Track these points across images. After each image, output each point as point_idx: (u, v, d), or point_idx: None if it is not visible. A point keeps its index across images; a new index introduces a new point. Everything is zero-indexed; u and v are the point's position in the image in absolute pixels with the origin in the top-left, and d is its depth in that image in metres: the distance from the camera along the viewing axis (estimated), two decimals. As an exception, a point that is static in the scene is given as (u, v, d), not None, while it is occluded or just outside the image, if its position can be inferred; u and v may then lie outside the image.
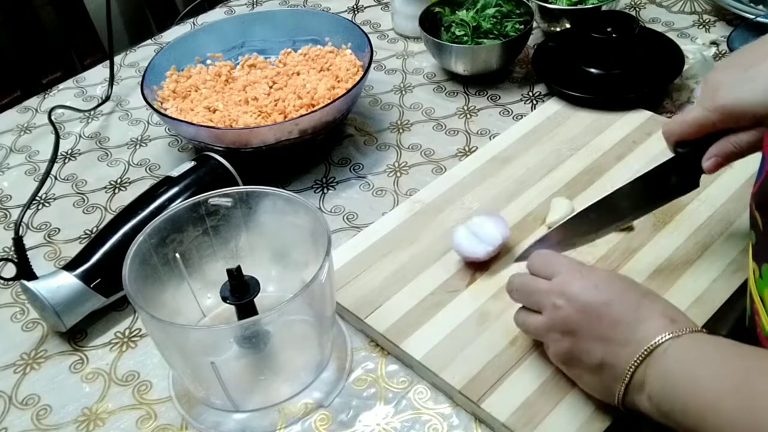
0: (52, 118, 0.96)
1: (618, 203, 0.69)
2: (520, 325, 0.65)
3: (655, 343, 0.54)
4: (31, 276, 0.73)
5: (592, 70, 0.97)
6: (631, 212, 0.70)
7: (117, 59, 1.12)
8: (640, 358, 0.55)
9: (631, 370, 0.55)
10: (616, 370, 0.56)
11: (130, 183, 0.93)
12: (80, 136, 1.02)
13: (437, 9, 1.05)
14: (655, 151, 0.85)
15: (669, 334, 0.54)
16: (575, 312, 0.58)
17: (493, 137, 0.93)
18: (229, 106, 0.92)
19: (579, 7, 1.05)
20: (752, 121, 0.61)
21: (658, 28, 1.09)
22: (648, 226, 0.76)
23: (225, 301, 0.65)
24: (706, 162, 0.64)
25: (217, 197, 0.69)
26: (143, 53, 1.18)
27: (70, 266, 0.74)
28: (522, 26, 1.02)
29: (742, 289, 0.70)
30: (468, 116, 0.98)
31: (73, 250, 0.78)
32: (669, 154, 0.67)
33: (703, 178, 0.66)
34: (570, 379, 0.62)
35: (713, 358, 0.53)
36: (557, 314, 0.59)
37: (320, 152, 0.94)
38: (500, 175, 0.85)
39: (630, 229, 0.76)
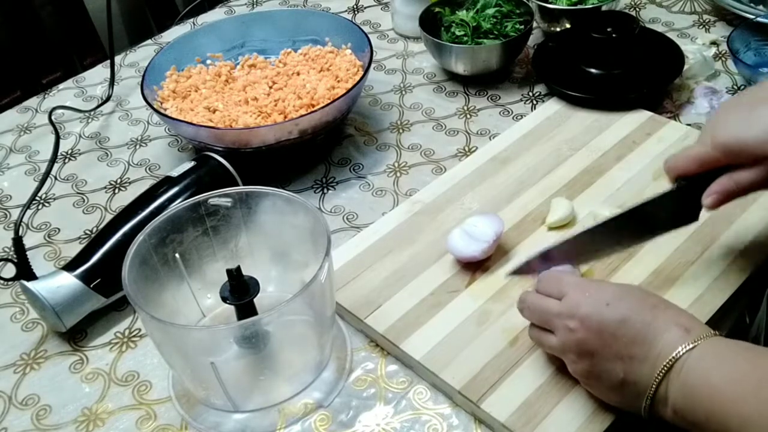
0: (52, 118, 0.96)
1: (618, 229, 0.68)
2: (535, 341, 0.65)
3: (674, 357, 0.54)
4: (31, 276, 0.73)
5: (592, 70, 0.97)
6: (631, 239, 0.70)
7: (117, 59, 1.12)
8: (661, 374, 0.55)
9: (654, 386, 0.55)
10: (639, 387, 0.56)
11: (130, 183, 0.93)
12: (80, 136, 1.02)
13: (437, 9, 1.05)
14: (655, 151, 0.86)
15: (687, 346, 0.54)
16: (590, 334, 0.58)
17: (493, 137, 0.93)
18: (229, 106, 0.92)
19: (579, 7, 1.05)
20: (752, 159, 0.61)
21: (658, 28, 1.09)
22: (648, 227, 0.76)
23: (225, 302, 0.66)
24: (707, 199, 0.64)
25: (217, 197, 0.69)
26: (143, 53, 1.18)
27: (70, 266, 0.74)
28: (522, 26, 1.02)
29: (742, 289, 0.70)
30: (468, 116, 0.98)
31: (73, 250, 0.78)
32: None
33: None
34: (570, 379, 0.62)
35: (730, 364, 0.53)
36: (571, 337, 0.59)
37: (320, 152, 0.94)
38: (500, 175, 0.85)
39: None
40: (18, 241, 0.74)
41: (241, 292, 0.65)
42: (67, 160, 0.98)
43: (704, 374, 0.53)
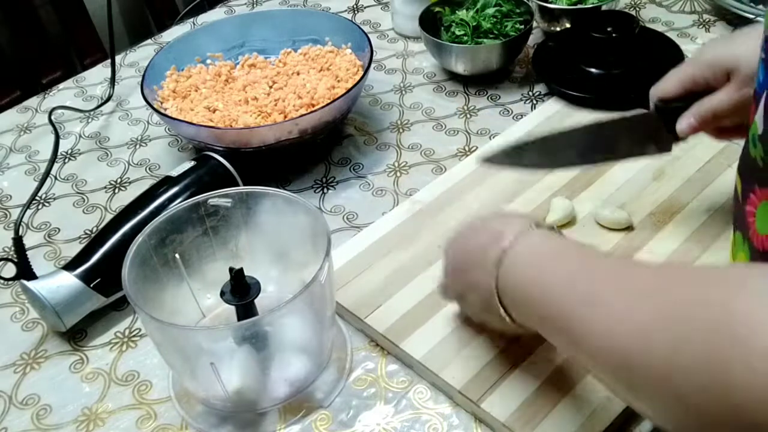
0: (52, 118, 0.96)
1: (590, 138, 0.69)
2: (473, 319, 0.67)
3: (506, 244, 0.55)
4: (31, 276, 0.73)
5: (592, 70, 0.97)
6: (601, 152, 0.70)
7: (117, 59, 1.12)
8: (496, 262, 0.55)
9: (494, 283, 0.56)
10: (483, 291, 0.57)
11: (130, 183, 0.93)
12: (80, 136, 1.02)
13: (437, 9, 1.05)
14: (655, 151, 0.86)
15: (514, 235, 0.55)
16: (450, 255, 0.64)
17: (493, 137, 0.93)
18: (229, 106, 0.92)
19: (579, 7, 1.05)
20: (724, 73, 0.64)
21: (658, 28, 1.09)
22: (648, 226, 0.76)
23: (225, 302, 0.65)
24: (681, 122, 0.66)
25: (217, 197, 0.69)
26: (143, 53, 1.18)
27: (70, 266, 0.74)
28: (522, 26, 1.02)
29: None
30: (468, 116, 0.98)
31: (73, 250, 0.78)
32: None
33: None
34: (570, 379, 0.62)
35: (550, 259, 0.53)
36: (444, 266, 0.65)
37: (320, 152, 0.94)
38: (500, 175, 0.85)
39: (630, 228, 0.76)
40: (18, 241, 0.74)
41: (242, 292, 0.65)
42: (67, 160, 0.98)
43: (534, 259, 0.54)
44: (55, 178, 0.95)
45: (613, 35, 0.94)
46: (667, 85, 0.67)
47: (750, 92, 0.57)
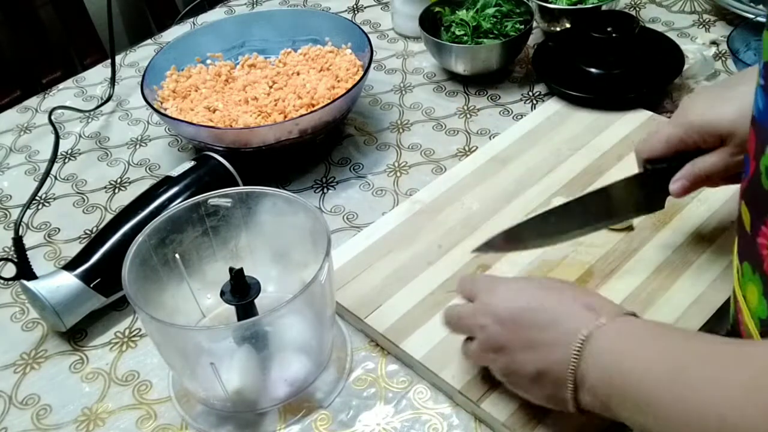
0: (52, 118, 0.96)
1: (583, 211, 0.68)
2: (464, 356, 0.63)
3: (585, 336, 0.52)
4: (31, 276, 0.73)
5: (592, 70, 0.97)
6: (596, 222, 0.69)
7: (117, 59, 1.12)
8: (575, 356, 0.52)
9: (571, 371, 0.53)
10: (554, 374, 0.54)
11: (130, 183, 0.93)
12: (80, 136, 1.02)
13: (437, 9, 1.05)
14: (655, 151, 0.86)
15: (594, 325, 0.52)
16: (500, 327, 0.57)
17: (493, 137, 0.93)
18: (229, 106, 0.92)
19: (579, 7, 1.05)
20: (717, 138, 0.62)
21: (658, 27, 1.09)
22: (648, 226, 0.76)
23: (225, 302, 0.65)
24: (674, 185, 0.65)
25: (217, 197, 0.69)
26: (143, 53, 1.18)
27: (70, 266, 0.74)
28: (522, 26, 1.02)
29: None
30: (468, 116, 0.98)
31: (73, 250, 0.78)
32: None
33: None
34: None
35: (645, 345, 0.51)
36: (485, 334, 0.58)
37: (320, 152, 0.94)
38: (500, 175, 0.85)
39: (630, 229, 0.76)
40: (18, 241, 0.74)
41: (242, 292, 0.65)
42: (67, 160, 0.98)
43: (617, 356, 0.51)
44: (55, 178, 0.95)
45: (613, 35, 0.94)
46: (655, 146, 0.65)
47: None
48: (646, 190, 0.66)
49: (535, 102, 0.99)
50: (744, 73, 0.64)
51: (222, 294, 0.65)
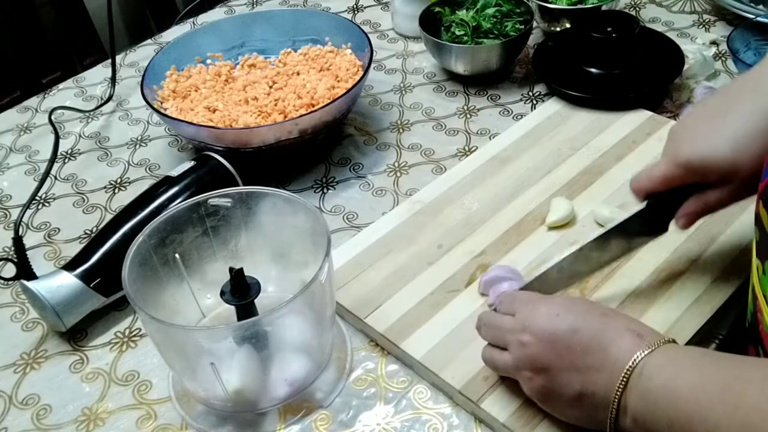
0: (52, 118, 0.96)
1: (591, 254, 0.67)
2: (487, 362, 0.63)
3: (633, 363, 0.53)
4: (31, 276, 0.73)
5: (592, 70, 0.97)
6: (605, 262, 0.69)
7: (117, 59, 1.12)
8: (623, 383, 0.53)
9: (616, 396, 0.53)
10: (597, 398, 0.54)
11: (130, 183, 0.93)
12: (80, 136, 1.02)
13: (437, 9, 1.05)
14: (655, 151, 0.85)
15: (644, 351, 0.53)
16: (543, 347, 0.56)
17: (493, 137, 0.93)
18: (229, 106, 0.92)
19: (579, 7, 1.05)
20: (718, 176, 0.60)
21: (658, 28, 1.09)
22: (648, 226, 0.76)
23: (225, 302, 0.65)
24: (679, 221, 0.64)
25: (217, 197, 0.69)
26: (143, 53, 1.18)
27: (70, 266, 0.74)
28: (522, 26, 1.02)
29: (742, 289, 0.70)
30: (468, 116, 0.98)
31: (73, 250, 0.78)
32: None
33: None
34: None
35: (692, 369, 0.51)
36: (525, 352, 0.57)
37: (320, 152, 0.94)
38: (500, 175, 0.85)
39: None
40: (18, 241, 0.74)
41: (242, 292, 0.65)
42: (67, 160, 0.98)
43: (665, 381, 0.51)
44: (55, 178, 0.95)
45: (613, 35, 0.94)
46: (654, 185, 0.64)
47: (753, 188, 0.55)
48: (652, 220, 0.66)
49: (535, 102, 0.99)
50: (733, 90, 0.63)
51: (222, 294, 0.65)
